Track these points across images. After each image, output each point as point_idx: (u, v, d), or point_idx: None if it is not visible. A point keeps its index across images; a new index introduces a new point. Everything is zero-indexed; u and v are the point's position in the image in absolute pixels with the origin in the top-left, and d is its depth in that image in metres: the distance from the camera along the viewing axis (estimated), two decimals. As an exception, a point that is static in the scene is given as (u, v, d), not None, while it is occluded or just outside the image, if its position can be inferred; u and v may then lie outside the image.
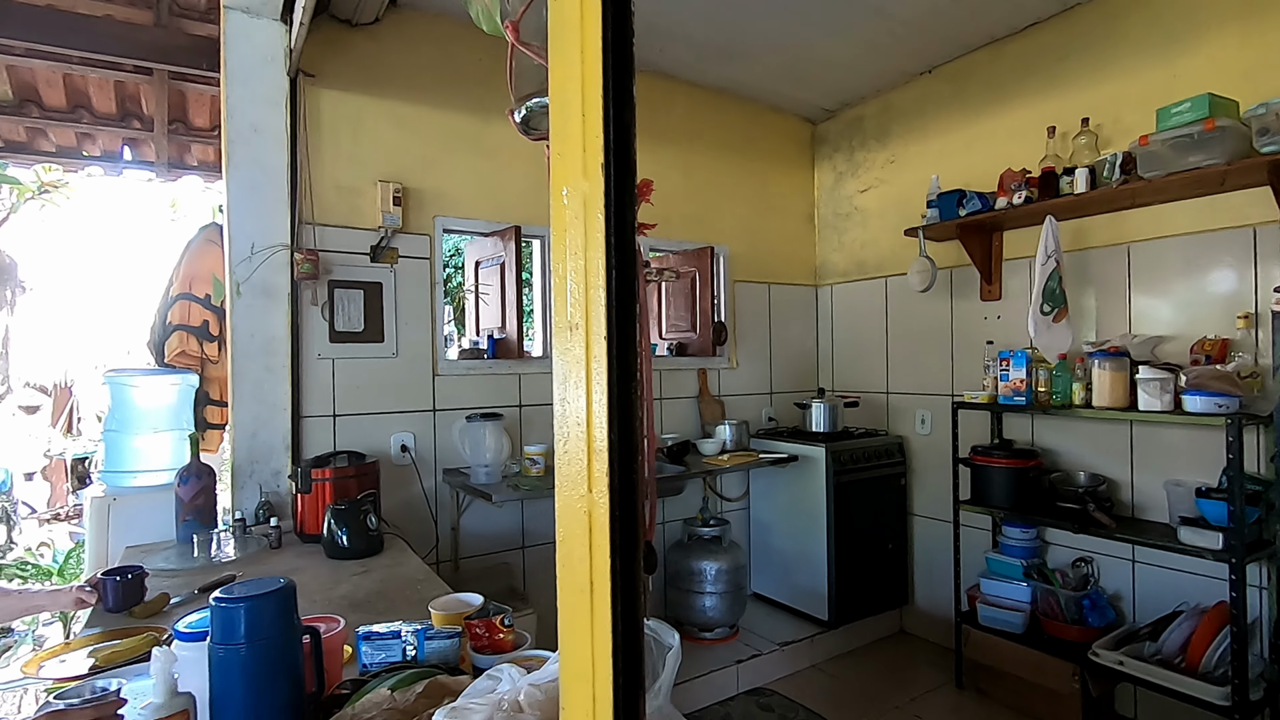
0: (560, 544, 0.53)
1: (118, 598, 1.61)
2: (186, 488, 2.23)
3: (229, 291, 2.37)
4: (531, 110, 0.62)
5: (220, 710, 0.94)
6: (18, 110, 3.21)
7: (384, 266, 2.68)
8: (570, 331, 0.51)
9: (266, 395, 2.43)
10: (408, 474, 2.68)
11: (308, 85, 2.55)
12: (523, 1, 0.59)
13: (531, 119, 0.62)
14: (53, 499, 7.46)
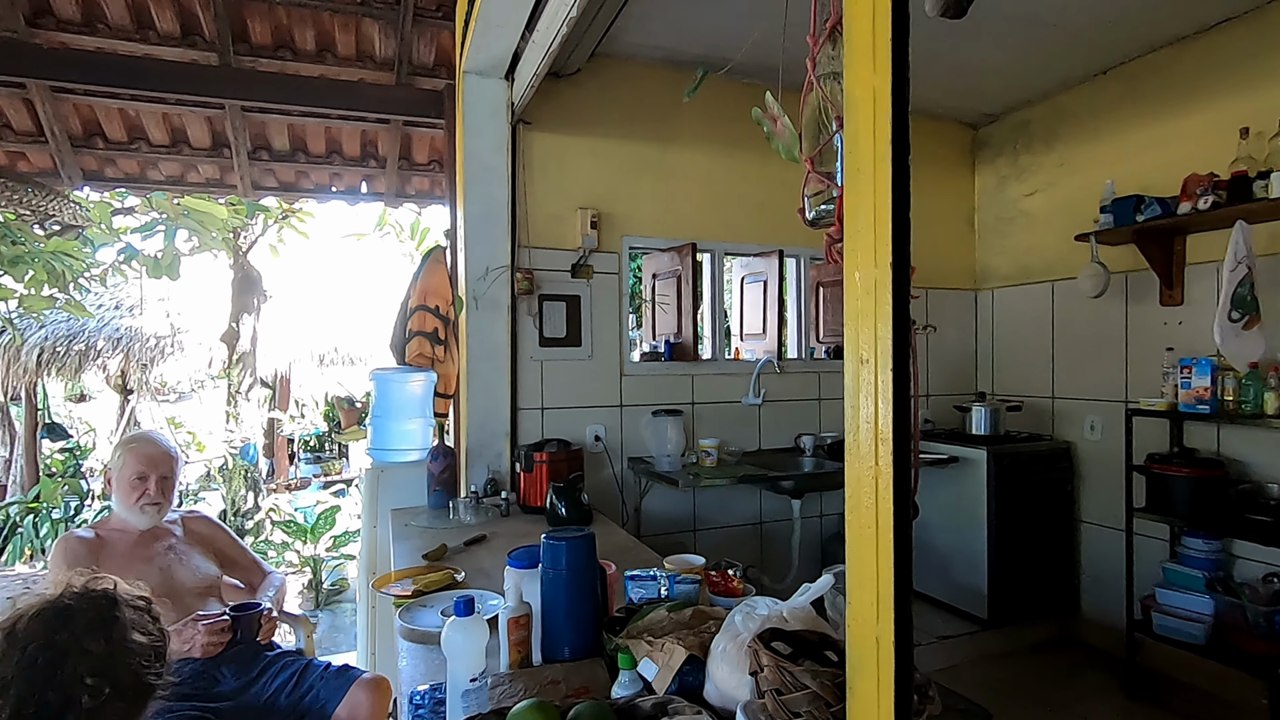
0: (850, 498, 0.83)
1: (247, 628, 1.91)
2: (436, 464, 2.78)
3: (466, 305, 2.89)
4: (820, 213, 0.91)
5: (549, 615, 1.33)
6: (290, 157, 4.00)
7: (582, 281, 3.12)
8: (861, 364, 0.81)
9: (492, 391, 2.94)
10: (600, 460, 3.10)
11: (524, 130, 3.03)
12: (815, 144, 0.89)
13: (820, 220, 0.91)
14: (277, 472, 8.87)
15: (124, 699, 0.95)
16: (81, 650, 0.94)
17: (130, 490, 2.05)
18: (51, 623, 0.96)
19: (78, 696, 0.91)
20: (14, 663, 0.91)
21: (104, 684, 0.93)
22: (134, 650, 0.99)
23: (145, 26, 3.20)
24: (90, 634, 0.95)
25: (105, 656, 0.95)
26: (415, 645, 1.52)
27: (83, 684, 0.91)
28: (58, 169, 3.63)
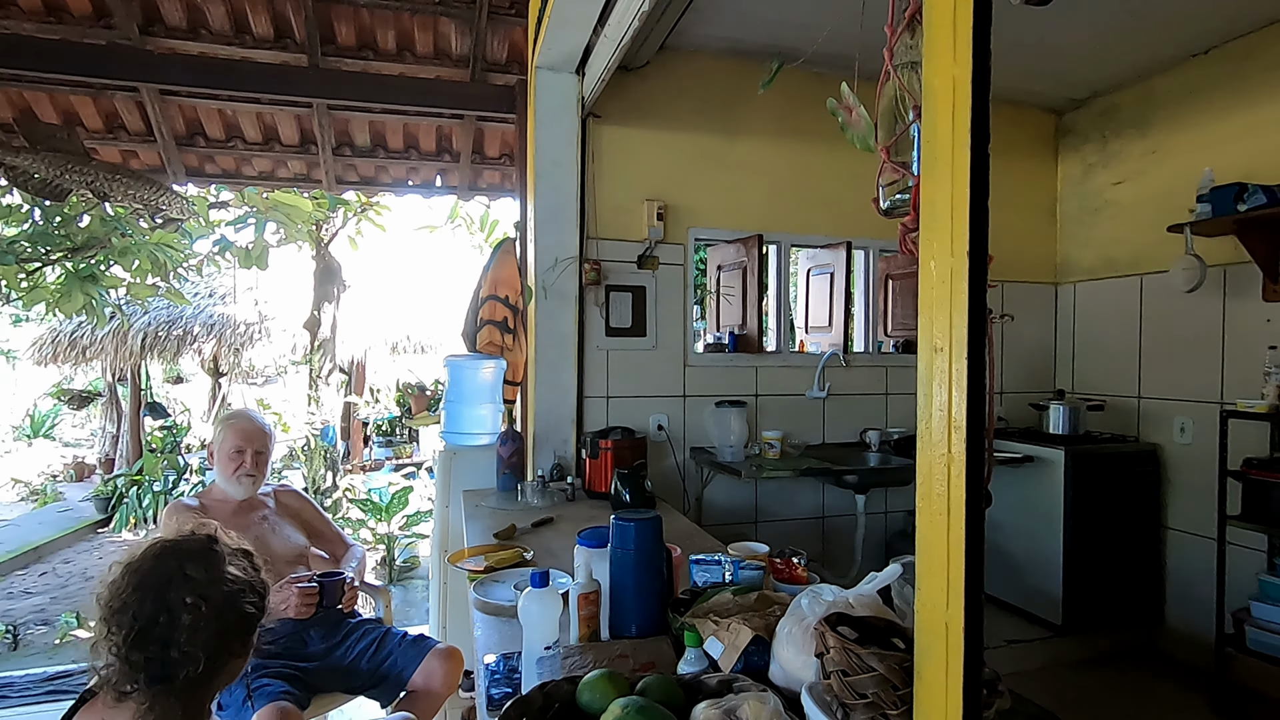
0: (922, 484, 0.84)
1: (331, 595, 2.04)
2: (505, 448, 2.88)
3: (535, 295, 2.98)
4: (894, 203, 0.92)
5: (617, 592, 1.38)
6: (370, 153, 4.19)
7: (647, 273, 3.16)
8: (935, 352, 0.81)
9: (559, 379, 3.03)
10: (663, 449, 3.15)
11: (594, 124, 3.09)
12: (891, 134, 0.90)
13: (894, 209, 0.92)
14: (352, 454, 9.31)
15: (220, 620, 1.06)
16: (184, 576, 1.06)
17: (229, 462, 2.22)
18: (161, 555, 1.09)
19: (180, 616, 1.03)
20: (131, 588, 1.06)
21: (201, 604, 1.05)
22: (230, 579, 1.11)
23: (243, 31, 3.41)
24: (192, 563, 1.08)
25: (205, 582, 1.07)
26: (489, 617, 1.60)
27: (184, 605, 1.04)
28: (164, 166, 3.91)
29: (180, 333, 8.15)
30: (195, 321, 8.22)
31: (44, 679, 3.07)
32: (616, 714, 0.97)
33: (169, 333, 8.16)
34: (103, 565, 5.19)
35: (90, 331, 8.20)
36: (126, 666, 1.02)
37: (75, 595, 6.00)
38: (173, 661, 1.01)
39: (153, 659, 1.01)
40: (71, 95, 3.56)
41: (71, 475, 10.49)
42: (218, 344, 8.23)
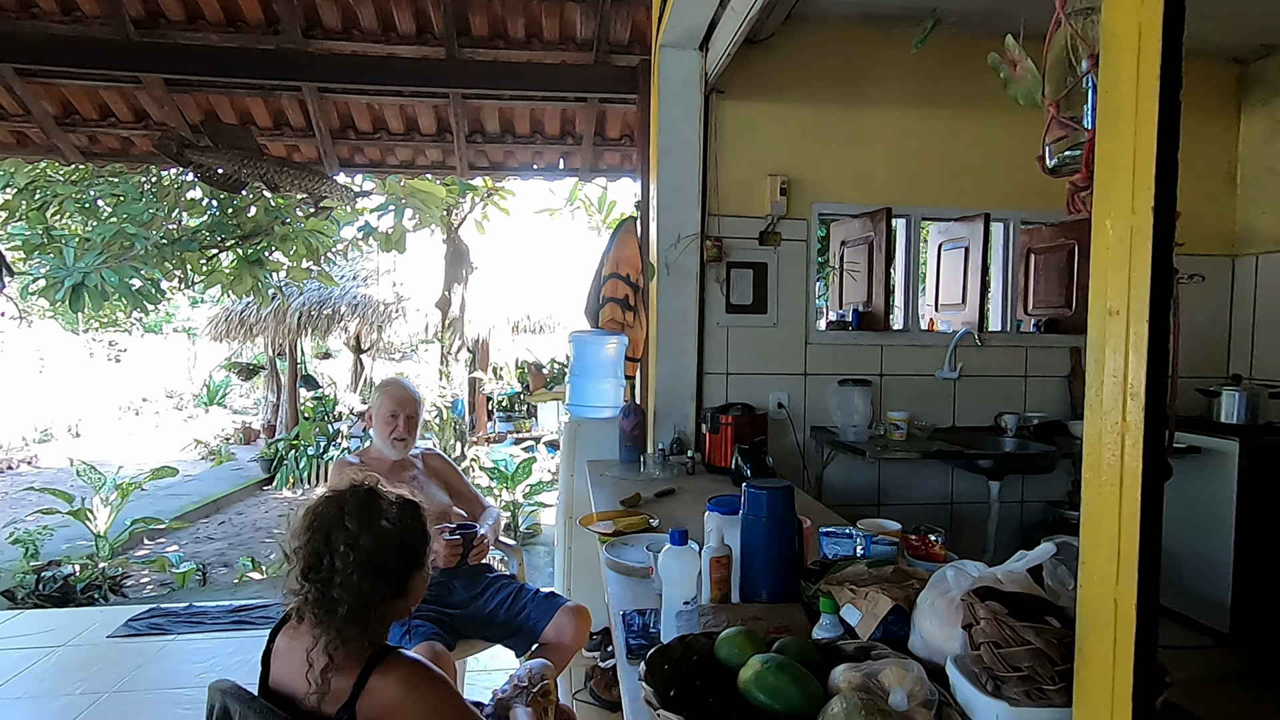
0: (1089, 454, 0.80)
1: (468, 547, 2.23)
2: (628, 421, 2.97)
3: (657, 272, 3.03)
4: (1063, 160, 0.87)
5: (748, 558, 1.41)
6: (500, 139, 4.39)
7: (769, 249, 3.13)
8: (1109, 315, 0.77)
9: (680, 355, 3.07)
10: (782, 427, 3.13)
11: (717, 100, 3.08)
12: (1061, 88, 0.85)
13: (1062, 167, 0.87)
14: (477, 426, 9.89)
15: (367, 567, 1.19)
16: (343, 525, 1.20)
17: (385, 426, 2.44)
18: (328, 503, 1.23)
19: (336, 560, 1.17)
20: (306, 528, 1.21)
21: (351, 553, 1.18)
22: (383, 531, 1.22)
23: (389, 29, 3.66)
24: (351, 514, 1.21)
25: (358, 532, 1.20)
26: (620, 576, 1.68)
27: (339, 551, 1.17)
28: (321, 158, 4.29)
29: (329, 312, 8.96)
30: (342, 301, 9.01)
31: (230, 610, 3.53)
32: (756, 668, 1.00)
33: (320, 312, 8.99)
34: (269, 518, 5.89)
35: (256, 310, 9.19)
36: (303, 597, 1.17)
37: (248, 542, 6.83)
38: (333, 599, 1.15)
39: (319, 593, 1.15)
40: (246, 97, 3.98)
41: (240, 438, 11.86)
42: (361, 322, 8.99)
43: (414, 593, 1.28)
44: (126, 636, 3.24)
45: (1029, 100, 0.95)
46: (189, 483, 8.96)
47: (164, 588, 5.17)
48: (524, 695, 1.54)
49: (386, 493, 1.27)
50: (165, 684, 2.83)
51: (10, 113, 3.89)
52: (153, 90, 3.75)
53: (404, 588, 1.24)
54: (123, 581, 5.06)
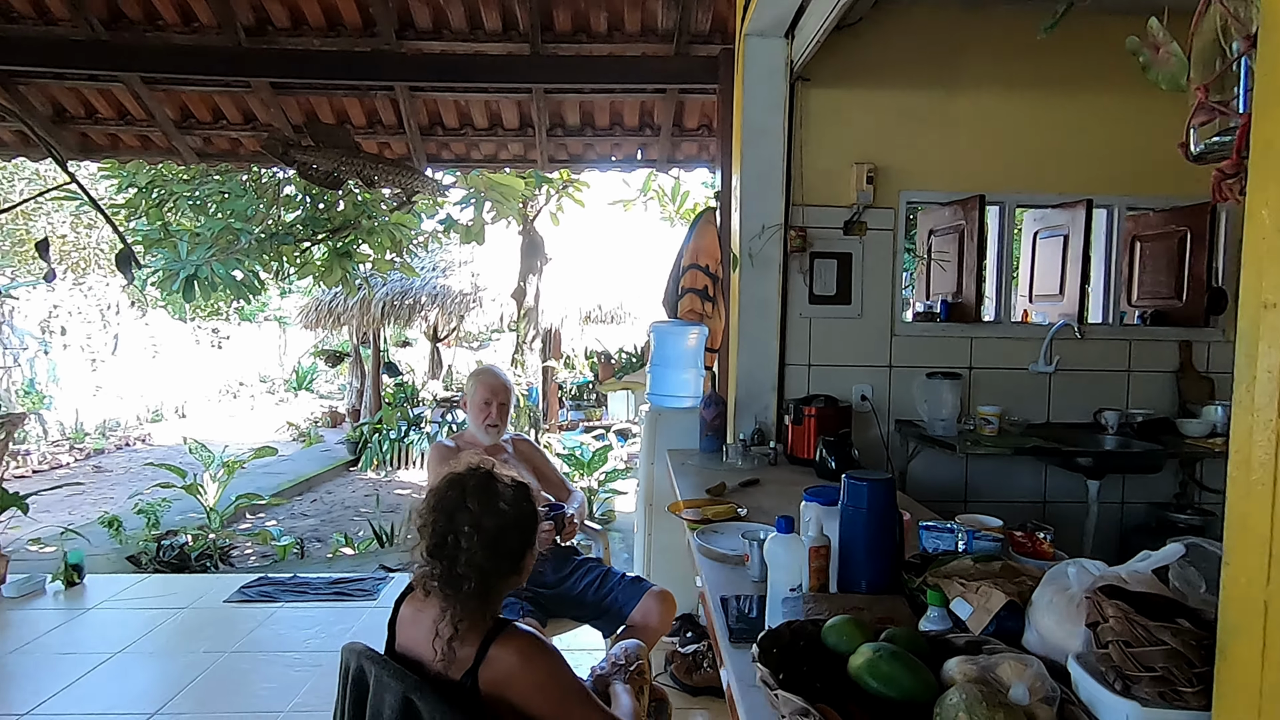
0: (1236, 452, 0.78)
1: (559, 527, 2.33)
2: (709, 411, 2.99)
3: (739, 263, 3.03)
4: (1210, 146, 0.84)
5: (848, 548, 1.41)
6: (579, 132, 4.47)
7: (854, 238, 3.07)
8: (1265, 308, 0.74)
9: (761, 346, 3.07)
10: (866, 420, 3.08)
11: (802, 88, 3.04)
12: (1210, 69, 0.82)
13: (1208, 154, 0.84)
14: (549, 414, 10.11)
15: (490, 547, 1.26)
16: (465, 507, 1.27)
17: (479, 412, 2.55)
18: (450, 485, 1.31)
19: (461, 540, 1.24)
20: (430, 508, 1.30)
21: (475, 533, 1.25)
22: (501, 513, 1.29)
23: (476, 27, 3.77)
24: (471, 496, 1.29)
25: (480, 514, 1.27)
26: (712, 562, 1.71)
27: (463, 531, 1.24)
28: (410, 154, 4.48)
29: (410, 302, 9.33)
30: (422, 292, 9.36)
31: (330, 582, 3.77)
32: (868, 655, 1.01)
33: (402, 301, 9.37)
34: (356, 497, 6.20)
35: (343, 300, 9.66)
36: (428, 571, 1.26)
37: (338, 519, 7.23)
38: (458, 575, 1.22)
39: (446, 570, 1.23)
40: (344, 97, 4.18)
41: (328, 422, 12.51)
42: (440, 312, 9.32)
43: (526, 570, 1.35)
44: (240, 602, 3.51)
45: (1172, 85, 0.91)
46: (283, 462, 9.53)
47: (265, 559, 5.54)
48: (622, 673, 1.59)
49: (501, 475, 1.34)
50: (277, 647, 3.06)
51: (136, 118, 4.22)
52: (260, 93, 4.00)
53: (519, 565, 1.31)
54: (230, 552, 5.46)
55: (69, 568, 3.65)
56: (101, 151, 4.48)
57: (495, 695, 1.18)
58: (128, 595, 3.64)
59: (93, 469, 9.22)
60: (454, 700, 1.15)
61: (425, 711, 1.13)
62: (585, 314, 9.47)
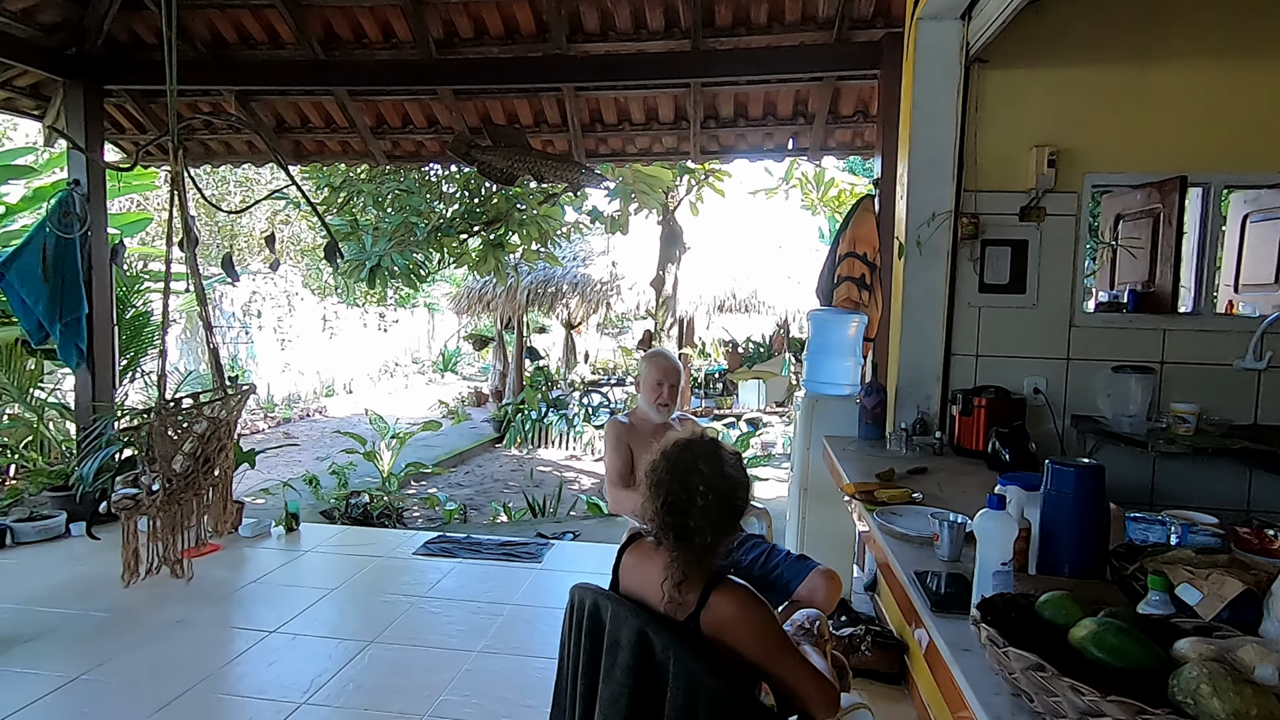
0: None
1: None
2: (870, 399, 3.00)
3: (906, 251, 3.01)
4: None
5: (1050, 532, 1.43)
6: (732, 123, 4.55)
7: (1030, 225, 2.95)
8: None
9: (925, 335, 3.03)
10: (1039, 414, 2.96)
11: (978, 70, 2.95)
12: None
13: None
14: (682, 401, 10.31)
15: (720, 505, 1.39)
16: (697, 468, 1.41)
17: (651, 392, 2.72)
18: (683, 449, 1.45)
19: (695, 497, 1.38)
20: (665, 470, 1.44)
21: (710, 492, 1.39)
22: (728, 476, 1.42)
23: (640, 26, 3.95)
24: (702, 459, 1.43)
25: (711, 475, 1.42)
26: (897, 541, 1.76)
27: (698, 490, 1.39)
28: (571, 150, 4.76)
29: (553, 290, 9.85)
30: (564, 280, 9.85)
31: (500, 544, 4.15)
32: (1092, 628, 1.06)
33: (545, 289, 9.92)
34: (503, 471, 6.72)
35: (492, 288, 10.36)
36: (661, 525, 1.42)
37: (489, 490, 7.83)
38: (690, 529, 1.37)
39: (678, 524, 1.38)
40: (514, 99, 4.52)
41: (473, 401, 13.47)
42: (580, 299, 9.77)
43: (739, 529, 1.49)
44: (425, 555, 3.95)
45: None
46: (437, 436, 10.40)
47: (431, 521, 6.14)
48: (808, 637, 1.70)
49: (724, 444, 1.49)
50: (460, 596, 3.43)
51: (340, 126, 4.79)
52: (444, 99, 4.41)
53: (737, 524, 1.45)
54: (401, 513, 6.10)
55: (289, 515, 4.27)
56: (310, 156, 5.13)
57: (714, 637, 1.33)
58: (333, 542, 4.20)
59: (283, 435, 10.52)
60: (681, 636, 1.31)
61: (658, 643, 1.29)
62: (719, 303, 9.56)
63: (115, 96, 4.56)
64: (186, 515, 3.04)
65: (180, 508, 3.00)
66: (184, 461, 3.00)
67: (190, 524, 3.09)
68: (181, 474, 2.99)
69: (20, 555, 3.77)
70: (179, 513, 2.99)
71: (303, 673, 2.67)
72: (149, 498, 2.84)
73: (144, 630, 2.97)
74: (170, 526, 3.03)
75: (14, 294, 3.92)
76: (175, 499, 2.94)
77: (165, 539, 3.04)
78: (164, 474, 2.89)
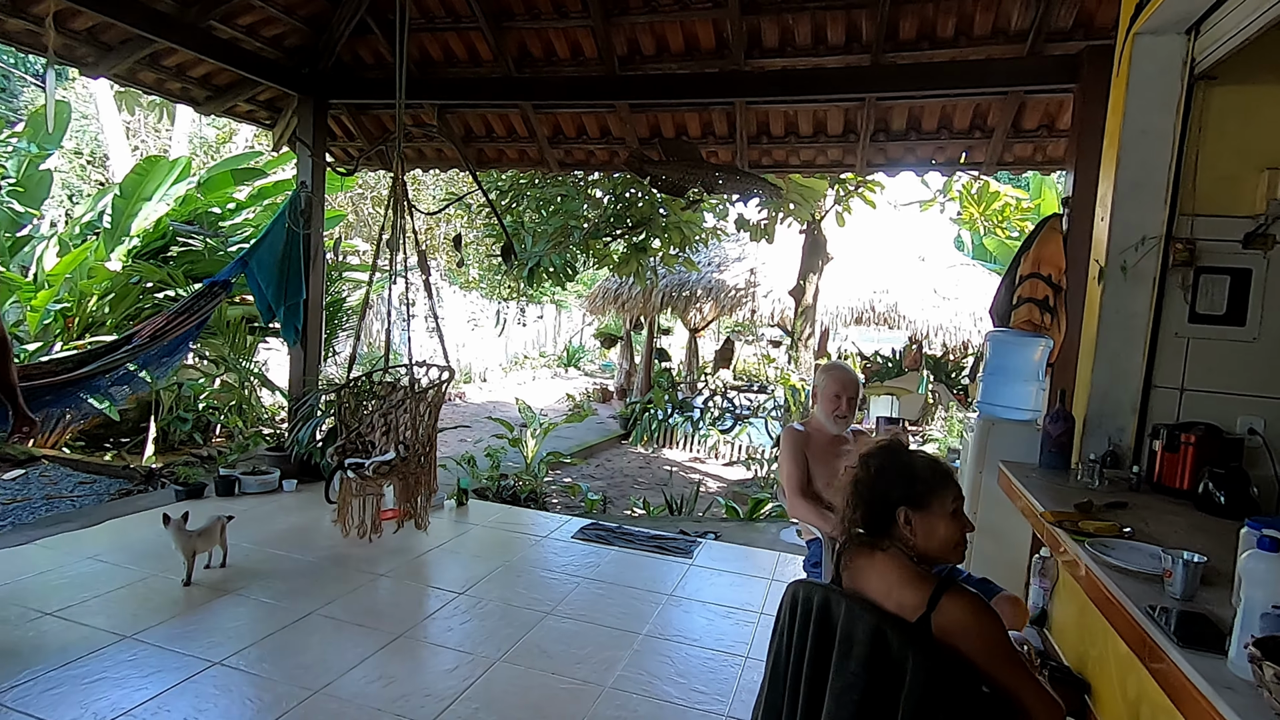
0: None
1: None
2: (1056, 426, 2.90)
3: (1108, 274, 2.88)
4: None
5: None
6: (903, 136, 4.49)
7: (1256, 253, 2.74)
8: None
9: (1121, 363, 2.89)
10: (1255, 456, 2.73)
11: (1203, 87, 2.78)
12: None
13: None
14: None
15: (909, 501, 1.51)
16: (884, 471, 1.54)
17: (829, 403, 2.79)
18: (880, 453, 1.58)
19: (894, 493, 1.52)
20: (869, 472, 1.57)
21: (898, 490, 1.52)
22: (917, 474, 1.53)
23: (819, 41, 4.01)
24: (887, 456, 1.57)
25: (896, 474, 1.52)
26: (1114, 574, 1.74)
27: (891, 484, 1.53)
28: (735, 160, 4.88)
29: (688, 294, 10.04)
30: (699, 285, 10.02)
31: (650, 536, 4.34)
32: (1389, 681, 1.04)
33: (680, 293, 10.12)
34: (631, 467, 6.97)
35: (627, 289, 10.70)
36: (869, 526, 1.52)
37: (620, 484, 8.12)
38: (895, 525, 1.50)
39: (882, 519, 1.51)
40: (685, 112, 4.71)
41: (599, 397, 13.94)
42: (714, 305, 9.89)
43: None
44: (583, 540, 4.22)
45: None
46: (566, 429, 10.89)
47: (570, 509, 6.47)
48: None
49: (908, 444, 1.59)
50: (621, 582, 3.65)
51: (520, 135, 5.18)
52: (620, 112, 4.67)
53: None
54: (545, 498, 6.47)
55: (460, 491, 4.68)
56: (490, 164, 5.58)
57: (945, 641, 1.40)
58: (498, 520, 4.57)
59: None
60: (915, 637, 1.39)
61: (895, 642, 1.38)
62: (856, 315, 9.36)
63: (334, 110, 5.19)
64: (420, 481, 3.52)
65: (418, 473, 3.49)
66: (420, 433, 3.48)
67: (420, 489, 3.56)
68: (420, 443, 3.47)
69: (247, 503, 4.40)
70: (415, 477, 3.48)
71: (492, 632, 2.97)
72: (402, 463, 3.33)
73: (353, 579, 3.40)
74: (406, 490, 3.51)
75: (253, 279, 4.57)
76: (412, 465, 3.42)
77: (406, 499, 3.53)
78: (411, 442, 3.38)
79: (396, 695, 2.47)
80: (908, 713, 1.34)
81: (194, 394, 6.31)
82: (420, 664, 2.75)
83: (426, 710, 2.39)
